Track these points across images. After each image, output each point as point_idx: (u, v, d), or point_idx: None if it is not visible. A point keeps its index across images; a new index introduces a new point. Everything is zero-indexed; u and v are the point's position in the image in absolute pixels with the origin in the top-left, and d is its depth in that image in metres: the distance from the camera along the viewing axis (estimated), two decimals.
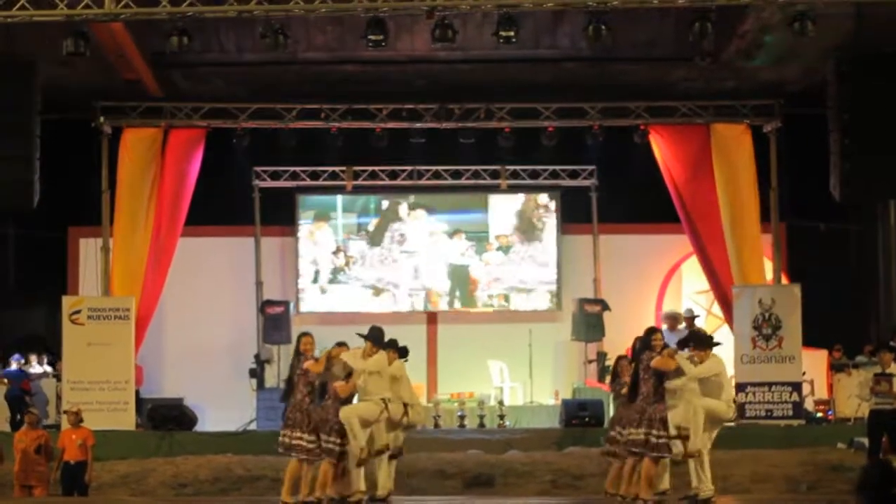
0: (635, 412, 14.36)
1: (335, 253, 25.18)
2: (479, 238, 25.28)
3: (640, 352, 14.66)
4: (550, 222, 25.35)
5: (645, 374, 14.37)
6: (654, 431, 14.13)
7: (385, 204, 25.32)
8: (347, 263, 25.16)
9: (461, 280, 25.20)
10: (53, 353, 22.82)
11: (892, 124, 20.20)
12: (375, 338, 14.73)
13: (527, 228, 25.35)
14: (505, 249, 25.27)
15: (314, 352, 14.64)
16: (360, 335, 14.75)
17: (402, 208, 25.27)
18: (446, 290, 25.18)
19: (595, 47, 20.79)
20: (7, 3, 17.37)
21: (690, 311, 22.92)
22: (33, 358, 22.61)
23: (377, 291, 25.07)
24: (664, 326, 22.82)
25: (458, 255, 25.24)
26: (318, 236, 25.24)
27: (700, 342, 14.98)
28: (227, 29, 21.79)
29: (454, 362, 24.63)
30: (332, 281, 25.16)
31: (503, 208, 25.36)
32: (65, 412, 18.20)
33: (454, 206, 25.39)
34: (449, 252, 25.21)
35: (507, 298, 25.21)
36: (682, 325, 21.36)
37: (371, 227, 25.29)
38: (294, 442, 14.35)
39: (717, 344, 14.98)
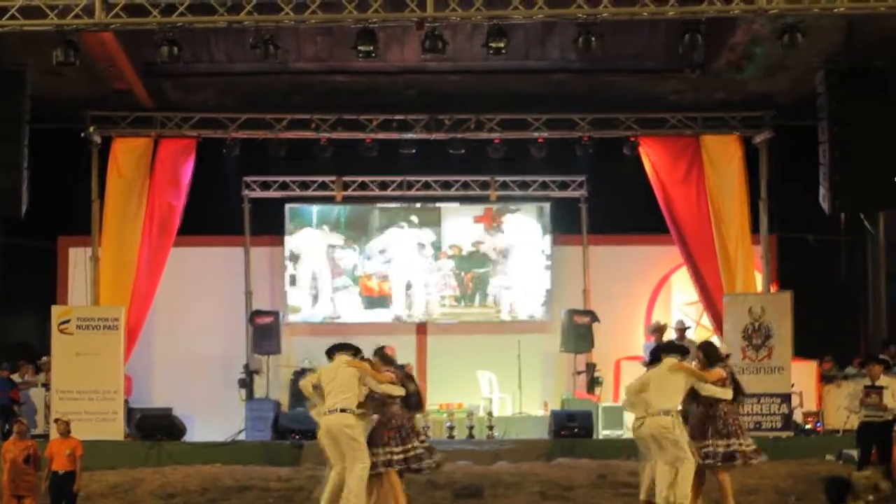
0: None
1: (321, 263, 25.18)
2: (435, 248, 25.27)
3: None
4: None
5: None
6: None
7: (355, 216, 25.31)
8: (333, 271, 25.20)
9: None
10: (36, 363, 22.79)
11: (881, 136, 20.30)
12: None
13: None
14: (457, 259, 25.26)
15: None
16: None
17: (373, 220, 25.31)
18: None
19: (585, 59, 20.84)
20: None
21: (682, 322, 22.95)
22: (22, 367, 22.58)
23: (365, 298, 25.12)
24: (651, 339, 22.91)
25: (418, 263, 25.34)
26: (306, 246, 25.19)
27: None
28: (218, 39, 21.80)
29: (444, 373, 24.59)
30: (319, 292, 25.13)
31: (454, 222, 25.37)
32: (55, 421, 18.16)
33: (416, 220, 25.37)
34: (414, 261, 25.31)
35: (456, 299, 25.20)
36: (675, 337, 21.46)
37: (349, 240, 25.27)
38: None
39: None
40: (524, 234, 25.31)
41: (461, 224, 25.29)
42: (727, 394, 14.66)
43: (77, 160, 22.73)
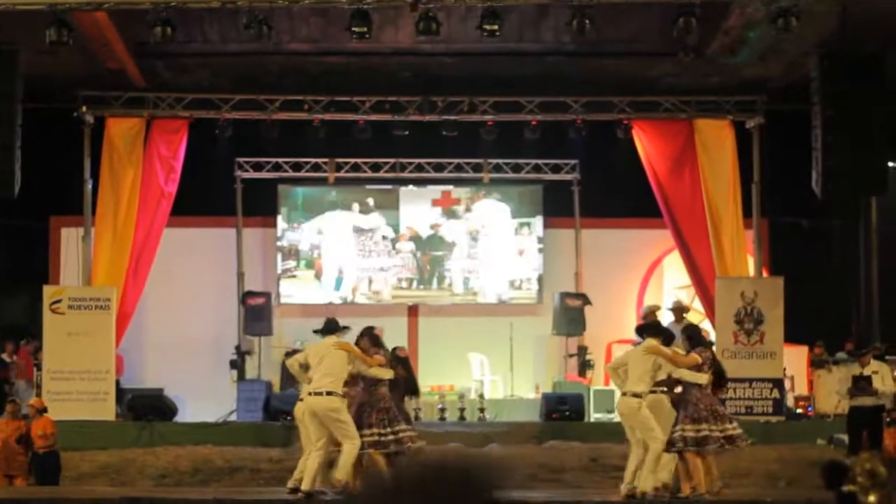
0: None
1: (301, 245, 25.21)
2: (394, 230, 25.22)
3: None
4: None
5: None
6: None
7: (313, 197, 25.34)
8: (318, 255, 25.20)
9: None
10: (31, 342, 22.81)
11: (874, 121, 20.29)
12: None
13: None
14: (415, 240, 25.24)
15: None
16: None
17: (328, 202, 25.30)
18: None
19: (579, 42, 20.81)
20: None
21: (679, 301, 22.58)
22: (10, 347, 22.57)
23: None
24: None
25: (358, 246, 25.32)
26: (295, 227, 25.20)
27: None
28: (211, 19, 21.73)
29: (435, 355, 24.57)
30: (304, 273, 25.15)
31: (412, 205, 25.32)
32: (29, 406, 18.16)
33: (372, 203, 25.32)
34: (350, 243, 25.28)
35: (410, 283, 25.22)
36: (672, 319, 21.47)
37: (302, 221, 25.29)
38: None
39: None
40: (493, 217, 25.32)
41: (419, 207, 25.25)
42: (700, 378, 14.70)
43: (69, 140, 22.68)
